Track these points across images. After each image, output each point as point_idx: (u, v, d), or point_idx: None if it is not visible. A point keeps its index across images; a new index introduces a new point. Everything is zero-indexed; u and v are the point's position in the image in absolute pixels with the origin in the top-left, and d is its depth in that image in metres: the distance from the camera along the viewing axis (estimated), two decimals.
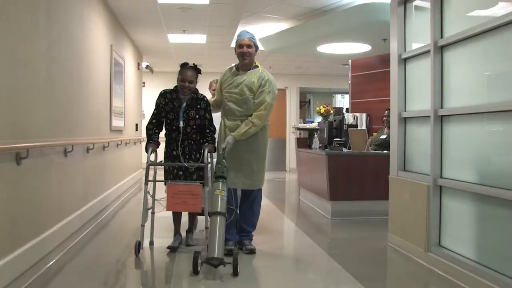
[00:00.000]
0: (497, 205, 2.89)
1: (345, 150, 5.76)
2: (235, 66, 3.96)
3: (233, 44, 8.45)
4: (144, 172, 3.91)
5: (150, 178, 3.74)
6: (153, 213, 3.81)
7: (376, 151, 5.76)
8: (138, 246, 3.62)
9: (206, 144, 3.78)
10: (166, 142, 3.89)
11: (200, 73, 3.84)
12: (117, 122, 6.57)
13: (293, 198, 7.49)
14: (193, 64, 3.84)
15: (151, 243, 3.88)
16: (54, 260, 3.50)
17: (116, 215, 5.57)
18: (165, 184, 3.82)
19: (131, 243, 4.02)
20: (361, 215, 5.40)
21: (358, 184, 5.41)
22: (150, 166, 3.72)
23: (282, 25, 7.23)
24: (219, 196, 3.41)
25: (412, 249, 3.72)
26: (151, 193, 3.78)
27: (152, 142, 3.79)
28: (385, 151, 5.37)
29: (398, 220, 4.01)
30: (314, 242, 4.33)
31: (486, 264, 2.94)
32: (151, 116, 3.89)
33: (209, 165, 3.79)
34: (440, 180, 3.43)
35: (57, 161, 3.77)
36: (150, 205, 3.77)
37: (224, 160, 3.59)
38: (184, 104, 3.78)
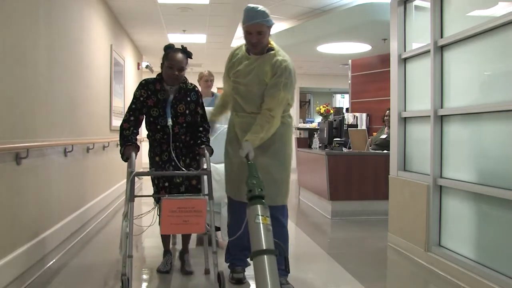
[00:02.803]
0: (497, 205, 2.89)
1: (345, 150, 5.76)
2: (245, 46, 2.98)
3: (233, 44, 8.54)
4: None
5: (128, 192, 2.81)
6: (130, 234, 2.77)
7: (376, 151, 5.76)
8: (128, 284, 2.66)
9: (203, 146, 2.99)
10: (150, 145, 3.12)
11: (191, 58, 3.03)
12: (117, 122, 6.56)
13: (293, 198, 7.48)
14: (182, 46, 3.03)
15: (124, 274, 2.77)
16: (54, 260, 3.50)
17: (116, 214, 5.56)
18: (155, 200, 3.09)
19: None
20: (361, 215, 5.40)
21: (358, 184, 5.41)
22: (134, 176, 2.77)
23: (282, 25, 7.23)
24: (261, 225, 2.32)
25: (412, 249, 3.72)
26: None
27: (131, 144, 2.93)
28: (385, 151, 5.37)
29: (398, 220, 4.01)
30: (314, 242, 4.33)
31: (486, 264, 2.94)
32: (128, 112, 3.01)
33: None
34: (440, 180, 3.43)
35: (57, 161, 3.76)
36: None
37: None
38: (171, 97, 3.00)
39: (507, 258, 2.78)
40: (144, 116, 3.05)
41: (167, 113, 2.97)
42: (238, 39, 8.35)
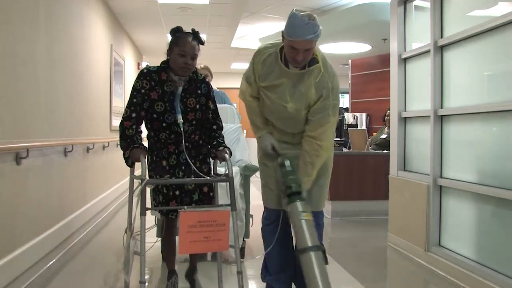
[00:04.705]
0: (497, 205, 2.89)
1: (345, 150, 5.76)
2: (280, 52, 2.40)
3: (233, 44, 8.54)
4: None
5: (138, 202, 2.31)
6: (143, 255, 2.25)
7: (376, 151, 5.76)
8: None
9: (221, 148, 2.52)
10: (150, 147, 2.57)
11: (203, 44, 2.51)
12: (117, 122, 6.54)
13: None
14: (193, 30, 2.48)
15: None
16: (54, 260, 3.50)
17: (116, 215, 5.56)
18: (164, 214, 2.59)
19: None
20: (361, 215, 5.40)
21: (358, 184, 5.41)
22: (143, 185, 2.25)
23: (282, 25, 7.22)
24: (304, 221, 2.23)
25: (412, 249, 3.72)
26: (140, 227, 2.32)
27: (138, 146, 2.41)
28: (385, 151, 5.37)
29: (398, 220, 4.01)
30: None
31: (486, 264, 2.94)
32: (128, 108, 2.45)
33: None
34: (440, 180, 3.43)
35: (57, 161, 3.76)
36: (134, 245, 2.42)
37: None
38: (180, 89, 2.48)
39: (507, 258, 2.78)
40: (145, 112, 2.49)
41: (176, 108, 2.46)
42: (238, 39, 8.36)
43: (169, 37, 2.51)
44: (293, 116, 2.40)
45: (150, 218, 2.69)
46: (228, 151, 2.51)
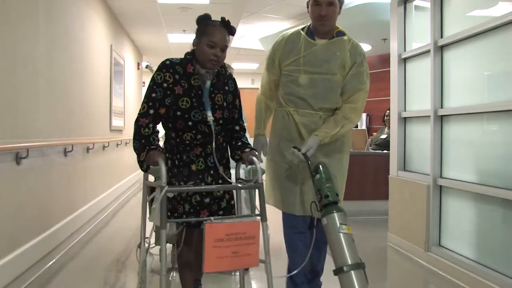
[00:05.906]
0: (497, 205, 2.89)
1: None
2: (304, 29, 2.46)
3: (233, 44, 8.54)
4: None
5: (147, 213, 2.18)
6: (164, 274, 1.99)
7: (376, 151, 5.76)
8: None
9: (248, 150, 2.24)
10: (169, 150, 2.22)
11: (233, 35, 2.28)
12: (117, 122, 6.58)
13: None
14: (222, 18, 2.28)
15: None
16: (54, 260, 3.50)
17: (116, 215, 5.57)
18: (184, 225, 2.24)
19: (130, 244, 4.02)
20: (361, 215, 5.40)
21: (358, 184, 5.41)
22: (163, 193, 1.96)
23: (282, 25, 7.23)
24: (343, 235, 2.07)
25: (412, 249, 3.72)
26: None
27: (156, 147, 2.11)
28: (385, 151, 5.37)
29: (398, 220, 4.01)
30: None
31: (486, 264, 2.94)
32: (146, 103, 2.15)
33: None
34: (440, 180, 3.43)
35: (57, 161, 3.77)
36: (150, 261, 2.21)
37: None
38: (208, 84, 2.21)
39: (507, 258, 2.78)
40: (165, 110, 2.16)
41: (206, 104, 2.17)
42: (238, 39, 8.36)
43: (169, 37, 2.52)
44: (328, 80, 2.35)
45: (149, 224, 2.34)
46: (255, 153, 2.23)
